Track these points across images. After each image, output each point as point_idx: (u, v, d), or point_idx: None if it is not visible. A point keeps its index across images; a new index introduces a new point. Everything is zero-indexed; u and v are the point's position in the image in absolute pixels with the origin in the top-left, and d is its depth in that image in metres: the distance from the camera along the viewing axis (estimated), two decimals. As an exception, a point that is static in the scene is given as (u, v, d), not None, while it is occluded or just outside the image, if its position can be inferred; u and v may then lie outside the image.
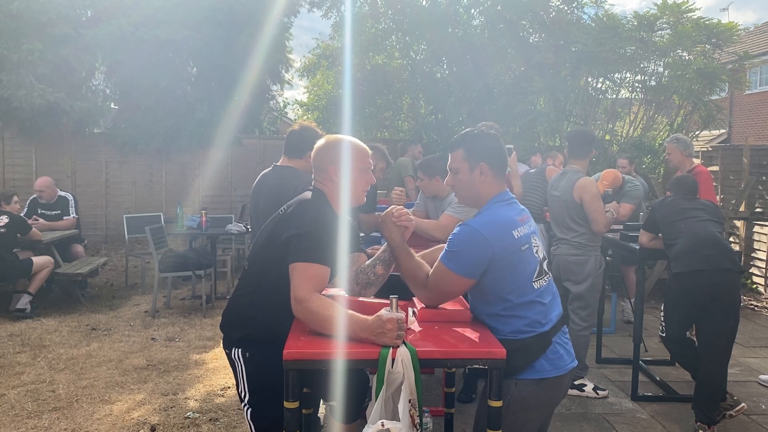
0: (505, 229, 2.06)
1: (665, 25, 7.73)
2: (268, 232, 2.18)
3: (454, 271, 2.05)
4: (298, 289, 1.94)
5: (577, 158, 4.10)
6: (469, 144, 2.18)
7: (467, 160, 2.16)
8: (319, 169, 2.23)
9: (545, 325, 2.08)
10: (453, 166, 2.21)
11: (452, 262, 2.06)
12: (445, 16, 9.57)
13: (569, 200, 3.99)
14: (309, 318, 1.93)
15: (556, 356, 2.10)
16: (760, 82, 18.14)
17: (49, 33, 8.76)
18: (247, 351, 2.16)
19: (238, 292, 2.25)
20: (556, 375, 2.09)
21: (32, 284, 5.71)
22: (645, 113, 8.40)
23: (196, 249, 6.42)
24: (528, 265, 2.07)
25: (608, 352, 4.93)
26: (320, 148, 2.24)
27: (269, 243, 2.14)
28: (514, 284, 2.05)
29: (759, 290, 7.33)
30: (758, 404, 3.98)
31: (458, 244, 2.06)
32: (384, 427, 1.74)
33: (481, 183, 2.16)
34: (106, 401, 3.78)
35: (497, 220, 2.08)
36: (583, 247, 4.00)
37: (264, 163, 10.20)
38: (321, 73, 12.26)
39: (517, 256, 2.05)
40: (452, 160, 2.22)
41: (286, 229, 2.07)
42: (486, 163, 2.15)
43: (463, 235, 2.06)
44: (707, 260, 3.42)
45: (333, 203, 2.20)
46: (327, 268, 2.01)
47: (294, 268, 1.98)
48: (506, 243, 2.03)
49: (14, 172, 9.64)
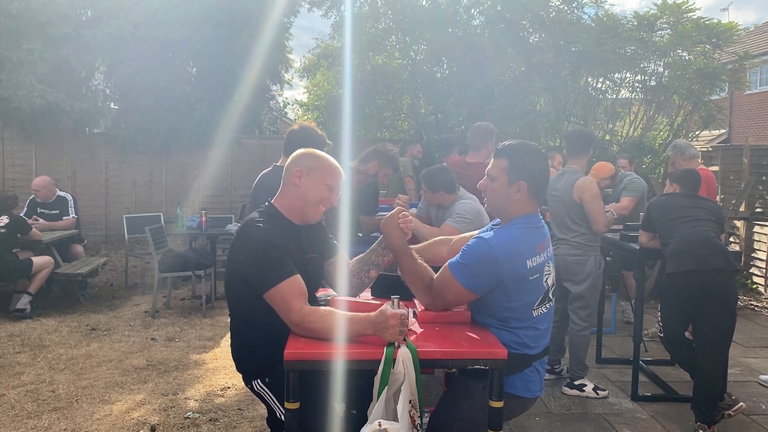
0: (521, 256, 2.03)
1: (665, 25, 7.73)
2: (228, 269, 2.17)
3: (461, 283, 2.04)
4: (289, 313, 1.95)
5: (575, 158, 4.11)
6: (516, 157, 2.13)
7: (508, 173, 2.12)
8: (286, 176, 2.19)
9: (533, 349, 2.11)
10: (492, 173, 2.16)
11: (461, 274, 2.04)
12: (445, 16, 9.56)
13: (568, 200, 4.00)
14: (313, 335, 1.93)
15: (530, 380, 2.14)
16: (760, 82, 18.14)
17: (49, 33, 8.75)
18: (267, 377, 2.15)
19: (233, 325, 2.25)
20: (522, 396, 2.13)
21: (32, 284, 5.71)
22: (645, 113, 8.39)
23: (196, 249, 6.42)
24: (532, 294, 2.07)
25: (608, 352, 4.93)
26: (296, 155, 2.22)
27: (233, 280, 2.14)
28: (513, 310, 2.07)
29: (759, 290, 7.32)
30: (758, 404, 3.98)
31: (471, 257, 2.04)
32: (381, 427, 1.74)
33: (514, 200, 2.12)
34: (106, 401, 3.78)
35: (515, 246, 2.05)
36: (582, 247, 4.00)
37: (264, 163, 10.19)
38: (321, 73, 12.25)
39: (523, 286, 2.04)
40: (493, 167, 2.17)
41: (238, 264, 2.07)
42: (526, 182, 2.11)
43: (478, 251, 2.03)
44: (699, 260, 3.42)
45: (289, 213, 2.17)
46: (296, 275, 2.00)
47: (270, 297, 1.98)
48: (517, 271, 2.01)
49: (14, 172, 9.63)
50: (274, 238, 2.03)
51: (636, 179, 5.44)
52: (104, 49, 9.22)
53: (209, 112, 9.76)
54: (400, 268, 2.22)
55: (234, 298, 2.18)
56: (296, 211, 2.17)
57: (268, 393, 2.16)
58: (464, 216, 3.53)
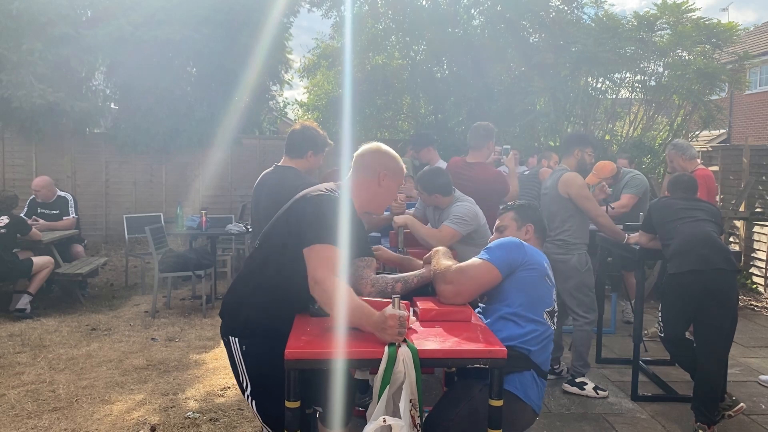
0: (542, 257, 2.38)
1: (665, 25, 7.73)
2: (282, 217, 2.18)
3: (488, 259, 2.26)
4: (317, 270, 1.95)
5: (565, 158, 4.25)
6: (520, 209, 2.61)
7: (516, 220, 2.57)
8: (368, 169, 2.26)
9: (532, 352, 2.20)
10: (501, 225, 2.59)
11: (487, 253, 2.30)
12: (445, 16, 9.56)
13: (555, 195, 4.09)
14: (324, 298, 1.95)
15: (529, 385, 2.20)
16: (760, 82, 18.15)
17: (49, 33, 8.74)
18: (244, 344, 2.15)
19: (244, 270, 2.25)
20: (520, 398, 2.17)
21: (32, 284, 5.71)
22: (645, 113, 8.39)
23: (196, 249, 6.42)
24: (546, 296, 2.31)
25: (608, 352, 4.93)
26: (382, 152, 2.31)
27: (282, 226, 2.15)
28: (528, 299, 2.24)
29: (759, 290, 7.32)
30: (758, 404, 3.98)
31: (498, 244, 2.34)
32: (386, 423, 1.75)
33: (525, 240, 2.45)
34: (106, 401, 3.78)
35: (537, 251, 2.38)
36: (565, 245, 4.05)
37: (264, 163, 10.18)
38: (321, 73, 12.26)
39: (541, 280, 2.29)
40: (501, 221, 2.62)
41: (300, 211, 2.09)
42: (533, 224, 2.55)
43: (505, 240, 2.38)
44: (701, 260, 3.43)
45: (357, 201, 2.23)
46: (342, 252, 2.01)
47: (311, 250, 1.98)
48: (538, 261, 2.32)
49: (14, 172, 9.64)
50: (345, 210, 2.09)
51: (637, 176, 5.43)
52: (104, 49, 9.21)
53: (209, 112, 9.75)
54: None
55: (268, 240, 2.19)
56: (365, 203, 2.27)
57: (240, 358, 2.16)
58: (462, 218, 3.55)
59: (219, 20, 9.33)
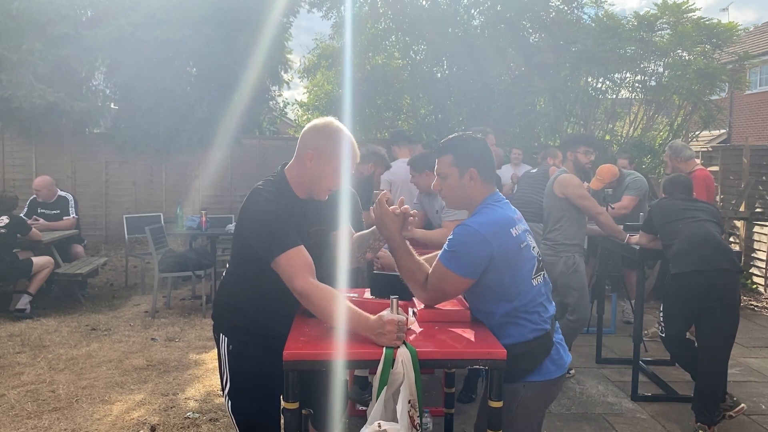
0: (504, 227, 2.06)
1: (665, 25, 7.73)
2: (236, 231, 2.18)
3: (454, 271, 2.04)
4: (293, 281, 1.94)
5: (562, 162, 4.33)
6: (457, 149, 2.18)
7: (456, 165, 2.16)
8: (300, 146, 2.15)
9: (546, 322, 2.11)
10: (441, 172, 2.20)
11: (452, 262, 2.05)
12: (445, 16, 9.56)
13: (551, 194, 4.14)
14: (313, 309, 1.96)
15: (558, 356, 2.14)
16: (760, 82, 18.13)
17: (49, 33, 8.75)
18: (231, 344, 2.15)
19: (226, 275, 2.25)
20: (559, 375, 2.13)
21: (32, 284, 5.71)
22: (645, 113, 8.40)
23: (196, 249, 6.42)
24: (527, 262, 2.09)
25: (608, 352, 4.93)
26: (316, 129, 2.16)
27: (237, 236, 2.16)
28: (515, 283, 2.06)
29: (759, 290, 7.32)
30: (758, 404, 3.98)
31: (457, 244, 2.05)
32: (381, 428, 1.74)
33: (471, 188, 2.16)
34: (106, 401, 3.78)
35: (495, 219, 2.08)
36: (554, 247, 4.10)
37: (264, 163, 10.21)
38: (321, 73, 12.26)
39: (516, 255, 2.06)
40: (440, 166, 2.20)
41: (244, 226, 2.08)
42: (475, 168, 2.15)
43: (462, 235, 2.05)
44: (705, 260, 3.42)
45: (296, 187, 2.14)
46: (299, 246, 1.98)
47: (276, 264, 1.97)
48: (505, 241, 2.04)
49: (14, 173, 9.64)
50: (278, 209, 2.02)
51: (638, 178, 5.43)
52: (104, 49, 9.22)
53: (209, 112, 9.76)
54: (398, 265, 2.22)
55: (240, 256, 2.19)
56: (303, 187, 2.15)
57: (226, 356, 2.15)
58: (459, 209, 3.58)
59: (219, 20, 9.34)
